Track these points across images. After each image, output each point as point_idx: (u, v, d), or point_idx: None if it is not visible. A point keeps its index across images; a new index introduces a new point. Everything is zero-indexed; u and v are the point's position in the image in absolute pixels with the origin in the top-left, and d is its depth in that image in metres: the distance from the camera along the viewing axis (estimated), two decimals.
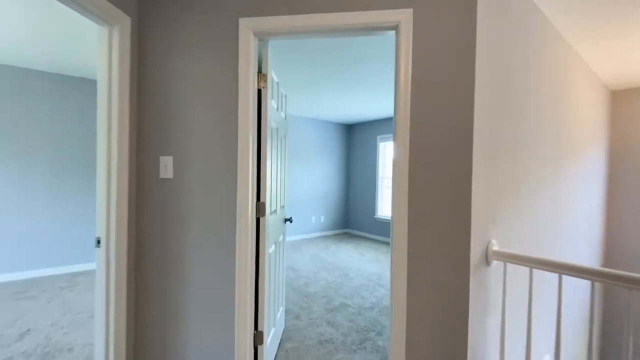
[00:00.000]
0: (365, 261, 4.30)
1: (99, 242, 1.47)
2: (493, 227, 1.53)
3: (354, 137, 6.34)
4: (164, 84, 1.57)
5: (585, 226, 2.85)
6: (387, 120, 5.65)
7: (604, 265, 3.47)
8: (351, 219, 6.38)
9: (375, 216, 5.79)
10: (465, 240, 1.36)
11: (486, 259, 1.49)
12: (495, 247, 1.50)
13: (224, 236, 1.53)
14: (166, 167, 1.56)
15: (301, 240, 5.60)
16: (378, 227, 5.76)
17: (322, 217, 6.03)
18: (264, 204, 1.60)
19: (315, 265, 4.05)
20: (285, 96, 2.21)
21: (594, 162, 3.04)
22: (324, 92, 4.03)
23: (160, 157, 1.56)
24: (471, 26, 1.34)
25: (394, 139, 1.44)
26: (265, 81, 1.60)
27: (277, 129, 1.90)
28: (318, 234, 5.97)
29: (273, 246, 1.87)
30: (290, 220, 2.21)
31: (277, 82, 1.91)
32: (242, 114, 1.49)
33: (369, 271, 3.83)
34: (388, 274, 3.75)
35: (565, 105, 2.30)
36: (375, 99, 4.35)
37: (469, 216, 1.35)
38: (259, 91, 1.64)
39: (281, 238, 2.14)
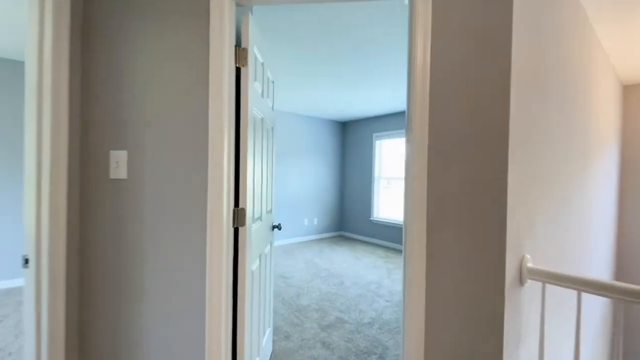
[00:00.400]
0: (362, 267, 4.01)
1: (27, 261, 1.13)
2: (527, 238, 1.25)
3: (349, 134, 6.05)
4: (116, 60, 1.24)
5: (606, 230, 2.61)
6: (383, 117, 5.37)
7: (616, 272, 3.25)
8: (346, 221, 6.09)
9: (371, 218, 5.51)
10: (499, 254, 1.07)
11: (520, 278, 1.20)
12: (530, 264, 1.22)
13: (192, 252, 1.20)
14: (118, 164, 1.23)
15: (293, 244, 5.28)
16: (374, 229, 5.48)
17: (316, 220, 5.73)
18: (243, 211, 1.29)
19: (308, 272, 3.74)
20: (273, 82, 1.89)
21: (611, 161, 2.81)
22: (317, 85, 3.72)
23: (111, 152, 1.23)
24: None
25: (408, 132, 1.15)
26: (246, 58, 1.29)
27: (262, 119, 1.59)
28: (311, 237, 5.66)
29: (257, 261, 1.56)
30: (278, 227, 1.89)
31: (263, 63, 1.59)
32: (213, 97, 1.18)
33: (367, 279, 3.54)
34: (386, 281, 3.47)
35: (592, 98, 2.05)
36: (372, 93, 4.06)
37: (503, 224, 1.06)
38: (238, 71, 1.33)
39: (268, 248, 1.82)
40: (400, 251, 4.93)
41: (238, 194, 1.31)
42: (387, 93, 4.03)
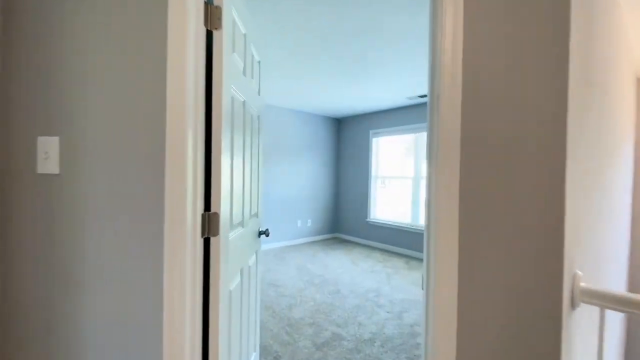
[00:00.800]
0: (359, 272, 3.74)
1: None
2: (577, 251, 0.99)
3: (344, 132, 5.78)
4: (45, 16, 0.94)
5: (624, 233, 2.39)
6: (381, 114, 5.11)
7: (630, 280, 3.05)
8: (341, 223, 5.82)
9: (368, 219, 5.25)
10: (554, 271, 0.82)
11: (571, 301, 0.94)
12: (584, 283, 0.96)
13: (146, 272, 0.91)
14: (48, 155, 0.93)
15: (285, 247, 4.99)
16: (371, 231, 5.22)
17: (309, 221, 5.44)
18: (216, 216, 1.00)
19: (302, 279, 3.45)
20: (259, 63, 1.61)
21: (628, 158, 2.60)
22: (310, 77, 3.44)
23: (39, 139, 0.93)
24: None
25: (431, 120, 0.88)
26: (220, 18, 1.00)
27: (244, 102, 1.30)
28: (305, 240, 5.38)
29: (238, 276, 1.27)
30: (265, 233, 1.61)
31: (245, 35, 1.30)
32: (173, 67, 0.89)
33: (365, 286, 3.27)
34: (386, 289, 3.21)
35: (618, 91, 1.82)
36: (369, 87, 3.80)
37: (560, 233, 0.80)
38: (209, 35, 1.04)
39: (253, 259, 1.53)
40: (399, 254, 4.68)
41: (209, 195, 1.02)
42: (385, 87, 3.77)
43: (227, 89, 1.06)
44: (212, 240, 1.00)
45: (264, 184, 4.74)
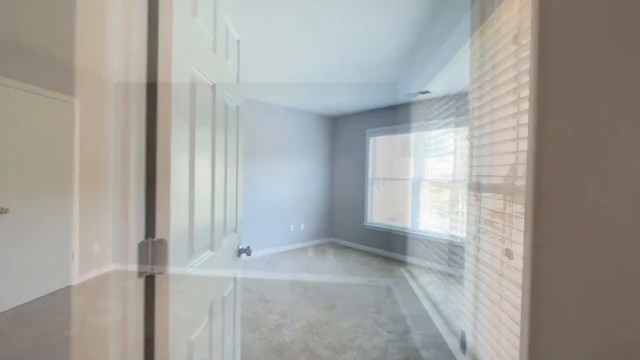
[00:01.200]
0: (356, 283, 3.45)
1: None
2: None
3: (340, 130, 5.48)
4: None
5: None
6: (378, 112, 4.83)
7: None
8: (337, 227, 5.52)
9: (365, 224, 4.97)
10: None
11: None
12: None
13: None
14: None
15: (277, 254, 4.67)
16: (368, 236, 4.93)
17: (303, 225, 5.13)
18: (164, 244, 0.69)
19: (293, 291, 3.15)
20: (239, 42, 1.30)
21: None
22: (303, 68, 3.15)
23: None
24: None
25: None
26: None
27: (213, 87, 0.99)
28: (298, 245, 5.07)
29: (206, 316, 0.96)
30: (246, 252, 1.31)
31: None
32: (88, 24, 0.58)
33: (363, 300, 2.98)
34: (386, 303, 2.92)
35: None
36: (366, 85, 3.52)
37: None
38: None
39: (229, 287, 1.22)
40: (398, 261, 4.41)
41: (153, 214, 0.71)
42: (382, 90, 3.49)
43: (183, 64, 0.75)
44: (158, 279, 0.69)
45: (253, 187, 4.41)
